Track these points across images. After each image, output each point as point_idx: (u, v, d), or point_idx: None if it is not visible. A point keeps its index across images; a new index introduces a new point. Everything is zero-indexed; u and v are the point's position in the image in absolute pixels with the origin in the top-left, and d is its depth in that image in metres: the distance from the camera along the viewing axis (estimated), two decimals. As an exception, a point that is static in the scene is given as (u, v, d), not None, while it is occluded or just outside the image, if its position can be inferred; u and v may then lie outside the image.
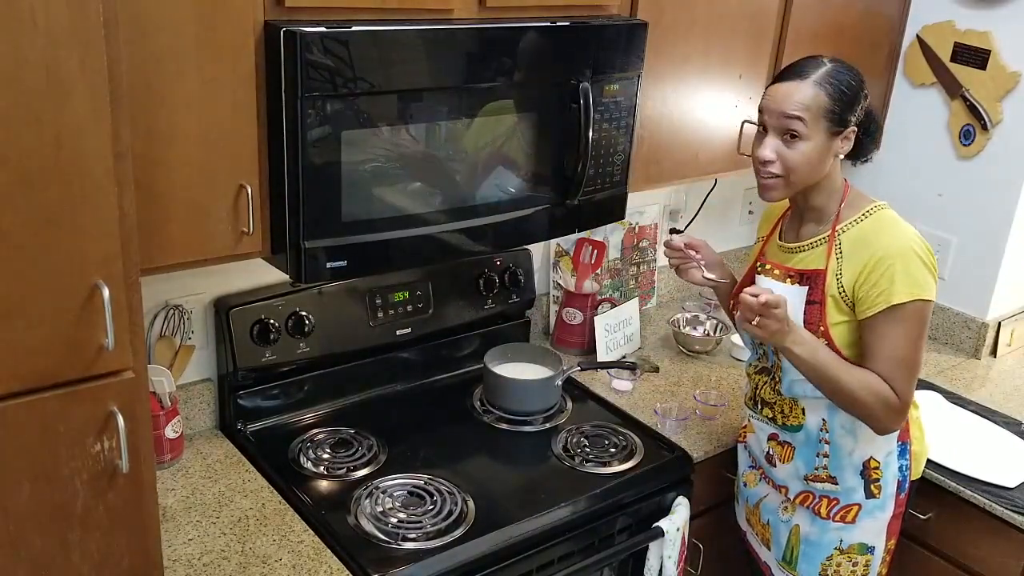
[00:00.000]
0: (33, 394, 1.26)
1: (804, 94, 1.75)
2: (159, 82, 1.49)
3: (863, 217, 1.82)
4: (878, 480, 1.90)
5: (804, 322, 1.82)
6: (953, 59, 2.69)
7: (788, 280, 1.86)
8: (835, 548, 1.94)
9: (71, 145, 1.19)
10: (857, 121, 1.78)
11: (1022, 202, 2.64)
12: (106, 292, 1.25)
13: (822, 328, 1.81)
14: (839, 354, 1.80)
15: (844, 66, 1.79)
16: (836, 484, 1.91)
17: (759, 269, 1.94)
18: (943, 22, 2.70)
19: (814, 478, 1.93)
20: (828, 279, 1.80)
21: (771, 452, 1.99)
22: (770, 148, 1.80)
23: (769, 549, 2.06)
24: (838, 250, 1.81)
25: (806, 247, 1.86)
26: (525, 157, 1.95)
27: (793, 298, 1.81)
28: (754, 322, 1.72)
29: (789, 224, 1.93)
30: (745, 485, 2.11)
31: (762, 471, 2.06)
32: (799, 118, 1.75)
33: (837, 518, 1.93)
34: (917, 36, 2.76)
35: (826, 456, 1.90)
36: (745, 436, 2.09)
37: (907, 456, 1.93)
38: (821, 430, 1.89)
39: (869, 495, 1.91)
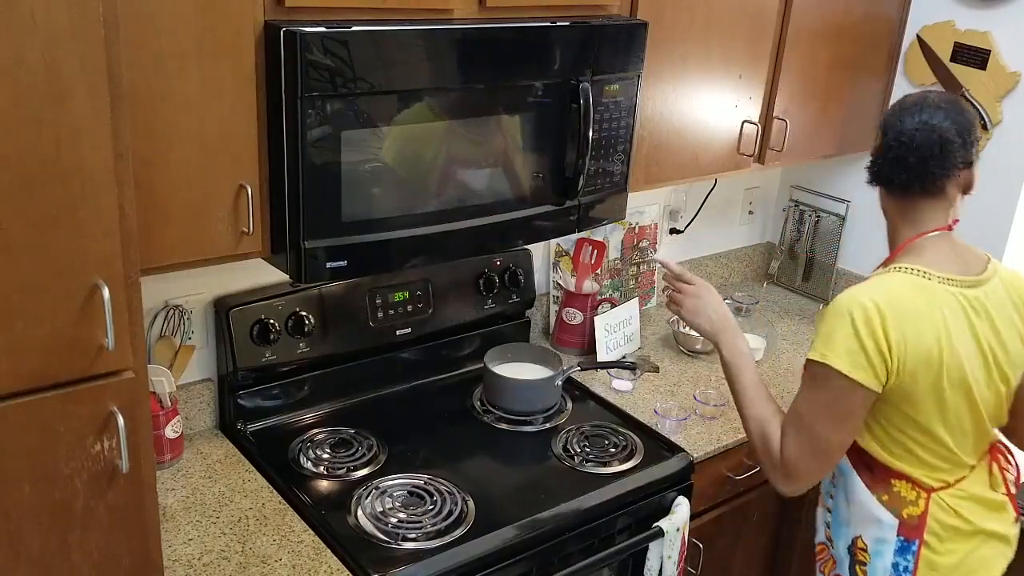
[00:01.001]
0: (33, 394, 1.26)
1: None
2: (159, 82, 1.49)
3: (884, 271, 1.70)
4: (864, 564, 1.74)
5: None
6: (953, 59, 2.69)
7: None
8: None
9: (71, 145, 1.19)
10: (875, 148, 1.72)
11: (1022, 202, 2.64)
12: (106, 292, 1.25)
13: None
14: None
15: (908, 95, 1.73)
16: (833, 547, 1.82)
17: None
18: (943, 22, 2.70)
19: (826, 532, 1.85)
20: None
21: (820, 488, 1.91)
22: None
23: None
24: None
25: None
26: (525, 157, 1.95)
27: None
28: (665, 291, 1.74)
29: None
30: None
31: None
32: None
33: None
34: (917, 36, 2.76)
35: (830, 512, 1.83)
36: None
37: (911, 556, 1.69)
38: (831, 483, 1.82)
39: (853, 575, 1.78)
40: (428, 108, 1.76)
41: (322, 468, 1.99)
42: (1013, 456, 1.81)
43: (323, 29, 1.56)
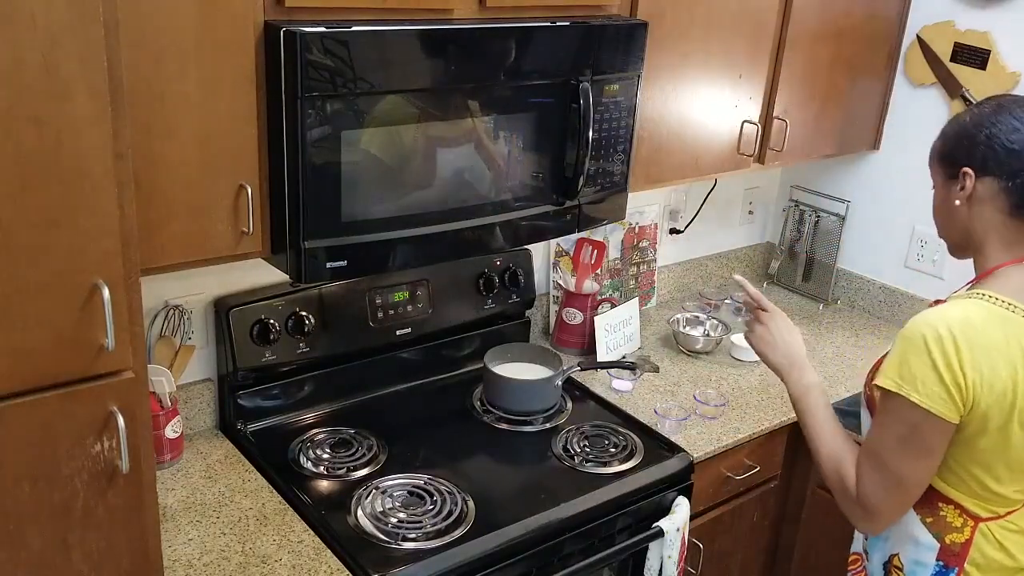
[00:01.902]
0: (33, 394, 1.26)
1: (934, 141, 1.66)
2: (159, 82, 1.49)
3: (966, 296, 1.57)
4: None
5: (875, 365, 1.66)
6: (953, 59, 2.69)
7: None
8: None
9: (71, 145, 1.19)
10: (984, 164, 1.53)
11: (1022, 202, 2.64)
12: (106, 292, 1.25)
13: (870, 377, 1.66)
14: (874, 410, 1.62)
15: (983, 103, 1.59)
16: (869, 561, 1.75)
17: None
18: (943, 22, 2.70)
19: (862, 544, 1.78)
20: None
21: None
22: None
23: None
24: None
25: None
26: (525, 157, 1.95)
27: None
28: (742, 316, 1.69)
29: None
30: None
31: None
32: (929, 164, 1.66)
33: None
34: (917, 36, 2.76)
35: None
36: None
37: None
38: None
39: None
40: (428, 108, 1.76)
41: (322, 468, 1.99)
42: None
43: (323, 29, 1.56)
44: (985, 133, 1.54)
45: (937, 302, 1.66)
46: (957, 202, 1.58)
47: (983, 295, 1.54)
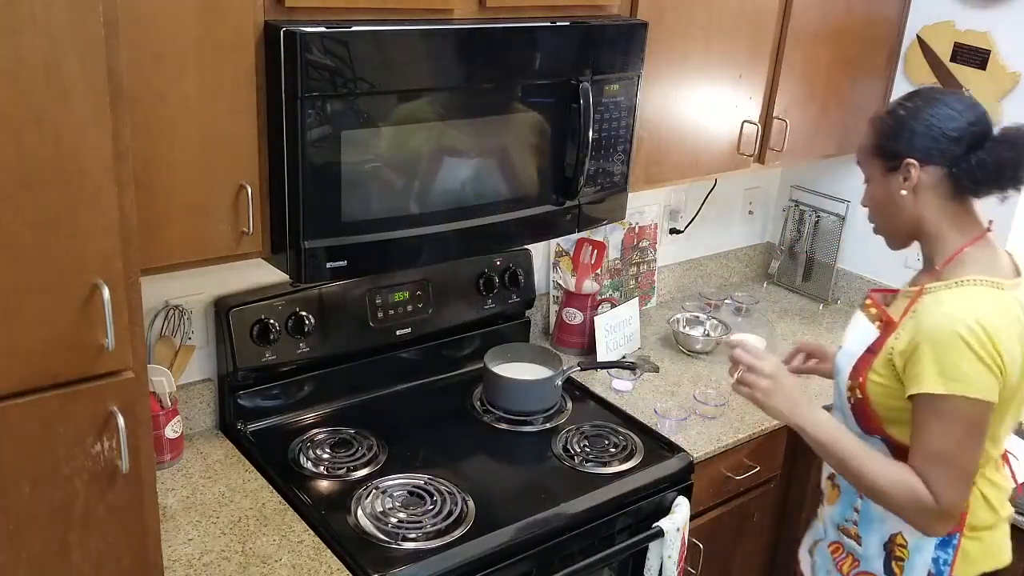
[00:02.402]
0: (33, 394, 1.26)
1: (863, 136, 1.70)
2: (159, 82, 1.49)
3: (955, 285, 1.61)
4: (902, 560, 1.71)
5: (853, 367, 1.70)
6: (953, 59, 2.69)
7: (877, 323, 1.71)
8: None
9: (71, 145, 1.19)
10: (926, 153, 1.59)
11: (1022, 202, 2.64)
12: (106, 292, 1.25)
13: (861, 379, 1.68)
14: (872, 414, 1.67)
15: (912, 96, 1.65)
16: (860, 545, 1.77)
17: (861, 304, 1.83)
18: (943, 22, 2.70)
19: (844, 530, 1.81)
20: (892, 335, 1.65)
21: (824, 491, 1.89)
22: (863, 194, 1.75)
23: None
24: (914, 310, 1.63)
25: (906, 295, 1.71)
26: (525, 157, 1.95)
27: (863, 341, 1.71)
28: (735, 377, 1.72)
29: (921, 269, 1.76)
30: (817, 519, 1.96)
31: None
32: (858, 161, 1.73)
33: None
34: (917, 36, 2.76)
35: (857, 511, 1.77)
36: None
37: (950, 550, 1.68)
38: None
39: (888, 572, 1.73)
40: (428, 108, 1.76)
41: (322, 468, 1.99)
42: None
43: (323, 29, 1.56)
44: (924, 124, 1.60)
45: (875, 292, 1.78)
46: (904, 192, 1.63)
47: (975, 280, 1.60)
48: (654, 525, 2.05)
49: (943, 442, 1.57)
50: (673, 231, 2.94)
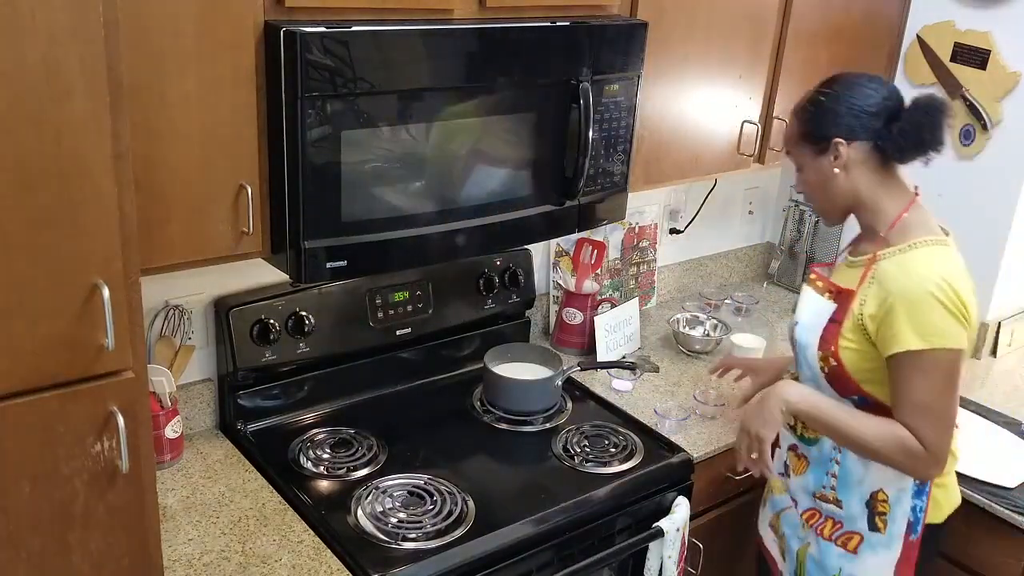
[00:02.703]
0: (33, 394, 1.26)
1: (787, 127, 1.87)
2: (159, 82, 1.49)
3: (908, 248, 1.74)
4: (884, 514, 1.83)
5: (821, 338, 1.79)
6: (953, 59, 2.69)
7: (827, 295, 1.82)
8: None
9: (71, 145, 1.19)
10: (851, 131, 1.73)
11: (1022, 202, 2.64)
12: (106, 292, 1.25)
13: (832, 348, 1.77)
14: (847, 378, 1.77)
15: (829, 82, 1.79)
16: (840, 508, 1.87)
17: (806, 279, 1.91)
18: (943, 22, 2.70)
19: (821, 496, 1.89)
20: (854, 302, 1.76)
21: (788, 462, 1.97)
22: (796, 179, 1.88)
23: (784, 559, 2.03)
24: (872, 276, 1.75)
25: (855, 264, 1.81)
26: (525, 157, 1.95)
27: (821, 314, 1.80)
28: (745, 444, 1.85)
29: (858, 240, 1.89)
30: (771, 491, 2.07)
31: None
32: (787, 151, 1.87)
33: (839, 543, 1.87)
34: (917, 36, 2.76)
35: (835, 477, 1.86)
36: (778, 441, 2.02)
37: (924, 497, 1.82)
38: (835, 449, 1.85)
39: (873, 527, 1.84)
40: (428, 108, 1.76)
41: (322, 468, 1.99)
42: None
43: (323, 29, 1.56)
44: (846, 105, 1.74)
45: (817, 267, 1.91)
46: (837, 171, 1.77)
47: (925, 241, 1.74)
48: (654, 525, 2.05)
49: (927, 394, 1.69)
50: (673, 231, 2.94)
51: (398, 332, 2.25)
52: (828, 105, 1.76)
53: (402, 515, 1.85)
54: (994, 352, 2.79)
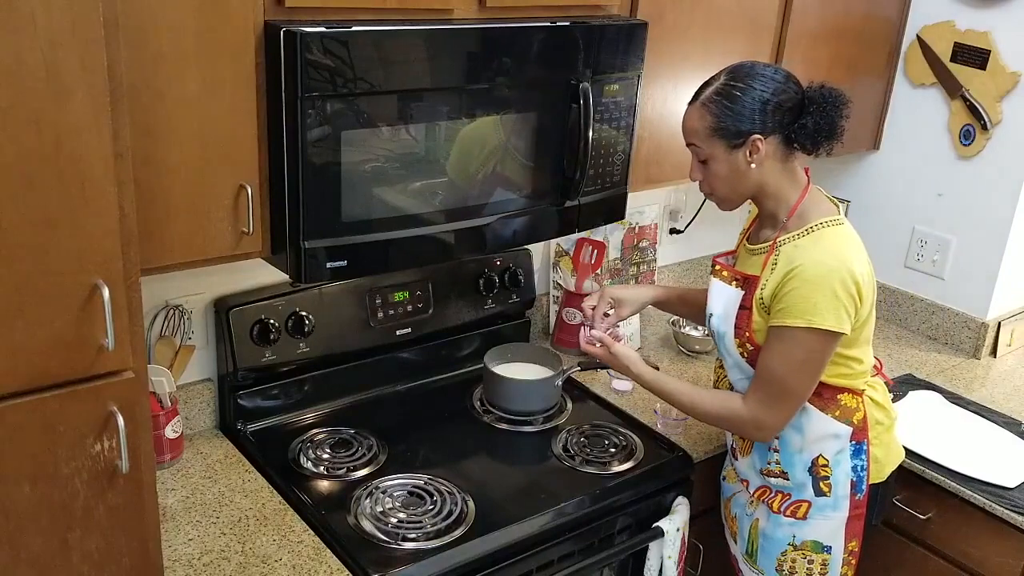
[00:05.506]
0: (33, 394, 1.26)
1: (692, 119, 1.81)
2: (159, 82, 1.49)
3: (806, 232, 1.79)
4: (827, 478, 1.90)
5: (735, 326, 1.85)
6: (953, 59, 2.69)
7: (734, 283, 1.87)
8: (788, 544, 1.95)
9: (71, 145, 1.19)
10: (765, 127, 1.74)
11: (1022, 202, 2.64)
12: (106, 292, 1.25)
13: (747, 333, 1.83)
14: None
15: (738, 75, 1.77)
16: (788, 480, 1.92)
17: (711, 271, 1.96)
18: (943, 22, 2.70)
19: (768, 472, 1.94)
20: (758, 287, 1.81)
21: (734, 445, 2.04)
22: (694, 169, 1.87)
23: (736, 543, 2.08)
24: (774, 261, 1.80)
25: (757, 251, 1.86)
26: (525, 157, 1.95)
27: (732, 302, 1.87)
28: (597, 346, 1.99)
29: (757, 227, 1.93)
30: (724, 480, 2.14)
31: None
32: (693, 144, 1.83)
33: (788, 513, 1.93)
34: (917, 36, 2.76)
35: (776, 451, 1.92)
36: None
37: (863, 456, 1.90)
38: None
39: (819, 492, 1.91)
40: (428, 108, 1.76)
41: (322, 468, 1.99)
42: None
43: (323, 29, 1.56)
44: (761, 101, 1.74)
45: (719, 257, 1.97)
46: (753, 165, 1.79)
47: (823, 224, 1.79)
48: (654, 525, 2.05)
49: (778, 363, 1.77)
50: (673, 231, 2.93)
51: (398, 332, 2.25)
52: (744, 100, 1.74)
53: (402, 515, 1.85)
54: (994, 352, 2.79)
